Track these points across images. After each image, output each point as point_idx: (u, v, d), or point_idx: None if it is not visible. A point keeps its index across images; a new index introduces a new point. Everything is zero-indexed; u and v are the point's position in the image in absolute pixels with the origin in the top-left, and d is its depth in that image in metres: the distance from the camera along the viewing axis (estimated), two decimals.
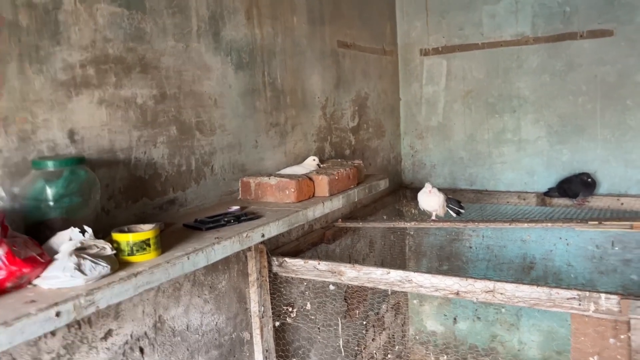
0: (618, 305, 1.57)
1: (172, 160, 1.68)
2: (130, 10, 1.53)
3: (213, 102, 1.85)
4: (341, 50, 2.71)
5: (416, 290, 1.87)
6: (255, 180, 1.92)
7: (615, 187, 2.89)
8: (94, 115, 1.42)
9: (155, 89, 1.61)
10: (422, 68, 3.36)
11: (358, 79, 2.90)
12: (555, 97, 2.99)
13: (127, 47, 1.52)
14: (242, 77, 2.00)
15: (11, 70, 1.22)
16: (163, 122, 1.64)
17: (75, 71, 1.37)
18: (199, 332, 1.78)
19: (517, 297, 1.72)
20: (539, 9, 2.97)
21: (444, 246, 3.44)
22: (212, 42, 1.84)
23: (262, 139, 2.12)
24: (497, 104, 3.16)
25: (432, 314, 3.54)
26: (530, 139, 3.09)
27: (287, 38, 2.27)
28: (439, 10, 3.26)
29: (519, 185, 3.15)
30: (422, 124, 3.42)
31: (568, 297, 1.64)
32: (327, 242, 2.49)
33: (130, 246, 1.21)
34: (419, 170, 3.48)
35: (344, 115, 2.76)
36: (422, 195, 2.40)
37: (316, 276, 2.01)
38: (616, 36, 2.79)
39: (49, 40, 1.31)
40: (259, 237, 1.54)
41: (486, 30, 3.12)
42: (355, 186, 2.13)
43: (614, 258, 2.95)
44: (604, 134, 2.89)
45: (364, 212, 2.88)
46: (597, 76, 2.86)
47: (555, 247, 3.09)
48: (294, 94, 2.32)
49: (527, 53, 3.03)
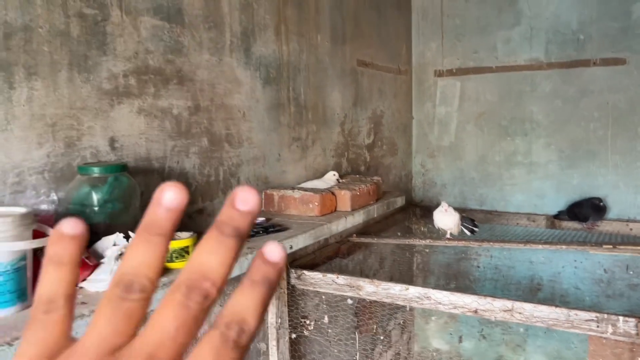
0: (635, 327, 1.60)
1: (202, 171, 1.71)
2: (170, 24, 1.58)
3: (242, 115, 1.89)
4: (360, 69, 2.77)
5: (434, 307, 1.89)
6: (279, 193, 1.96)
7: (625, 212, 2.93)
8: (133, 124, 1.46)
9: (190, 101, 1.65)
10: (435, 88, 3.42)
11: (374, 97, 2.96)
12: (567, 122, 3.04)
13: (166, 59, 1.56)
14: (269, 92, 2.04)
15: (61, 78, 1.26)
16: (196, 133, 1.68)
17: (119, 81, 1.41)
18: None
19: (536, 317, 1.75)
20: (553, 35, 3.04)
21: (452, 264, 3.47)
22: (243, 57, 1.89)
23: (285, 152, 2.16)
24: (509, 127, 3.21)
25: (437, 332, 3.55)
26: (541, 162, 3.14)
27: (311, 55, 2.32)
28: (454, 33, 3.32)
29: (529, 207, 3.19)
30: (433, 143, 3.47)
31: (586, 318, 1.67)
32: (342, 257, 2.51)
33: (170, 253, 1.25)
34: (429, 189, 3.52)
35: (361, 132, 2.81)
36: (437, 214, 2.44)
37: (334, 290, 2.03)
38: (629, 65, 2.85)
39: (96, 50, 1.35)
40: (287, 248, 1.57)
41: (500, 55, 3.19)
42: (374, 202, 2.17)
43: (621, 282, 2.98)
44: (614, 160, 2.94)
45: (376, 228, 2.91)
46: (609, 103, 2.92)
47: (564, 270, 3.12)
48: (315, 109, 2.37)
49: (541, 78, 3.09)
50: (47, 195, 1.18)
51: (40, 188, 1.19)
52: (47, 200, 1.18)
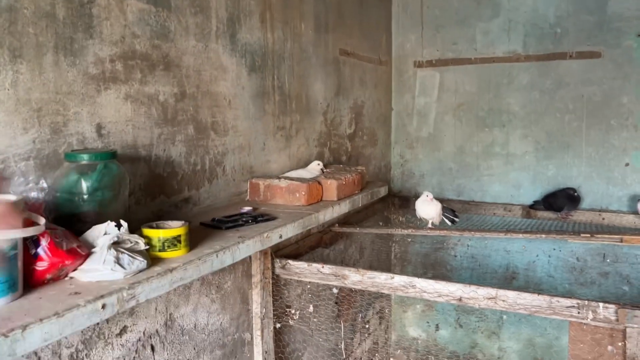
0: (615, 314, 1.65)
1: (188, 159, 1.68)
2: (157, 8, 1.54)
3: (227, 103, 1.86)
4: (342, 58, 2.76)
5: (419, 295, 1.91)
6: (265, 182, 1.94)
7: (597, 202, 3.01)
8: (120, 111, 1.42)
9: (176, 87, 1.62)
10: (415, 80, 3.44)
11: (356, 87, 2.95)
12: (543, 113, 3.10)
13: (152, 44, 1.52)
14: (255, 80, 2.02)
15: (47, 62, 1.22)
16: (182, 121, 1.65)
17: (105, 65, 1.37)
18: (205, 331, 1.79)
19: (519, 304, 1.78)
20: (530, 28, 3.09)
21: (430, 254, 3.51)
22: (229, 43, 1.86)
23: (270, 141, 2.14)
24: (487, 118, 3.26)
25: (414, 321, 3.59)
26: (517, 153, 3.20)
27: (295, 44, 2.30)
28: (434, 25, 3.34)
29: (506, 197, 3.25)
30: (412, 134, 3.50)
31: (567, 305, 1.71)
32: (324, 246, 2.51)
33: (162, 242, 1.22)
34: (407, 180, 3.54)
35: (343, 122, 2.81)
36: (421, 204, 2.45)
37: (320, 279, 2.03)
38: (604, 58, 2.92)
39: (82, 33, 1.30)
40: (277, 237, 1.56)
41: (479, 46, 3.22)
42: (359, 192, 2.17)
43: (593, 270, 3.07)
44: (588, 151, 3.01)
45: (357, 218, 2.92)
46: (584, 96, 2.99)
47: (538, 259, 3.19)
48: (299, 99, 2.35)
49: (518, 70, 3.14)
50: (36, 182, 1.14)
51: (29, 175, 1.15)
52: (37, 187, 1.14)
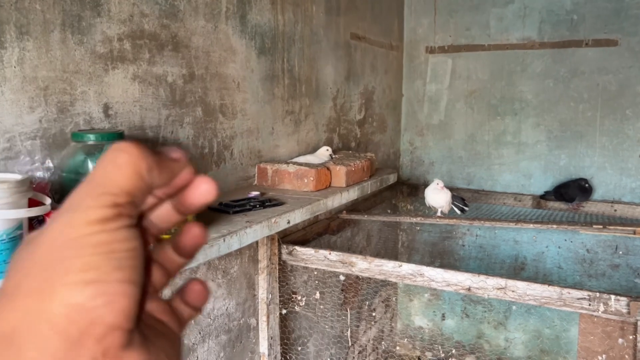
0: (627, 307, 1.62)
1: (196, 142, 1.66)
2: None
3: (236, 86, 1.83)
4: (353, 43, 2.71)
5: (427, 284, 1.89)
6: (273, 167, 1.92)
7: (610, 193, 2.96)
8: (128, 91, 1.40)
9: (184, 68, 1.59)
10: (426, 66, 3.39)
11: (367, 73, 2.91)
12: (557, 102, 3.05)
13: (161, 24, 1.49)
14: (264, 63, 1.98)
15: (54, 39, 1.19)
16: (190, 103, 1.62)
17: (113, 44, 1.34)
18: (211, 316, 1.78)
19: (529, 295, 1.76)
20: (546, 15, 3.02)
21: (437, 243, 3.49)
22: (238, 24, 1.82)
23: (278, 126, 2.11)
24: (499, 106, 3.21)
25: (420, 310, 3.58)
26: (529, 142, 3.15)
27: (306, 26, 2.26)
28: (447, 10, 3.28)
29: (516, 187, 3.21)
30: (423, 121, 3.45)
31: (578, 297, 1.68)
32: (332, 233, 2.49)
33: None
34: (417, 167, 3.51)
35: (352, 107, 2.77)
36: (430, 192, 2.42)
37: (327, 266, 2.02)
38: (620, 46, 2.85)
39: (90, 11, 1.28)
40: (285, 223, 1.54)
41: (493, 32, 3.16)
42: (368, 178, 2.14)
43: (603, 262, 3.03)
44: (602, 141, 2.96)
45: (365, 205, 2.89)
46: (599, 85, 2.93)
47: (547, 250, 3.16)
48: (308, 83, 2.32)
49: (532, 57, 3.08)
50: (42, 162, 1.12)
51: (35, 154, 1.13)
52: (43, 167, 1.12)
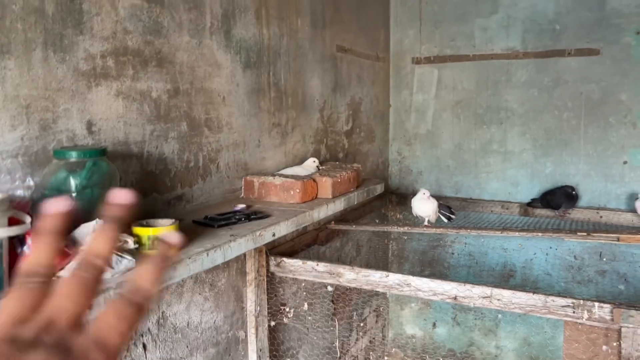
0: (611, 313, 1.64)
1: (181, 156, 1.67)
2: (149, 3, 1.52)
3: (222, 100, 1.85)
4: (339, 55, 2.74)
5: (414, 294, 1.90)
6: (259, 180, 1.93)
7: (595, 200, 3.00)
8: (111, 107, 1.41)
9: (169, 84, 1.60)
10: (413, 76, 3.42)
11: (353, 84, 2.94)
12: (541, 111, 3.09)
13: (145, 40, 1.51)
14: (249, 76, 2.00)
15: (36, 58, 1.20)
16: (175, 117, 1.63)
17: (96, 62, 1.36)
18: (199, 329, 1.78)
19: (514, 303, 1.77)
20: (529, 25, 3.07)
21: (427, 251, 3.50)
22: (223, 39, 1.84)
23: (265, 138, 2.13)
24: (485, 115, 3.24)
25: (411, 319, 3.59)
26: (515, 150, 3.18)
27: (292, 40, 2.28)
28: (432, 21, 3.32)
29: (503, 195, 3.23)
30: (410, 131, 3.48)
31: (562, 304, 1.70)
32: (320, 244, 2.50)
33: (152, 240, 1.21)
34: (405, 177, 3.53)
35: (340, 118, 2.79)
36: (417, 201, 2.44)
37: (314, 277, 2.02)
38: (602, 55, 2.90)
39: (72, 29, 1.29)
40: (270, 236, 1.55)
41: (478, 43, 3.20)
42: (355, 189, 2.16)
43: (590, 269, 3.06)
44: (586, 149, 3.00)
45: (354, 215, 2.91)
46: (583, 93, 2.97)
47: (535, 257, 3.18)
48: (295, 95, 2.34)
49: (517, 67, 3.12)
50: (23, 180, 1.13)
51: (15, 172, 1.13)
52: (23, 185, 1.12)
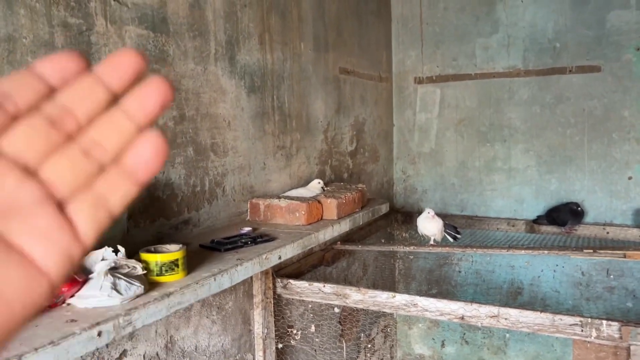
0: (619, 331, 1.63)
1: (188, 181, 1.69)
2: (155, 33, 1.56)
3: (227, 125, 1.88)
4: (342, 77, 2.78)
5: (421, 314, 1.90)
6: (265, 202, 1.95)
7: (601, 216, 2.99)
8: None
9: (175, 110, 1.63)
10: (415, 96, 3.45)
11: (357, 105, 2.97)
12: (544, 128, 3.10)
13: (151, 69, 1.54)
14: (254, 101, 2.03)
15: None
16: (181, 143, 1.66)
17: None
18: (207, 353, 1.78)
19: (521, 322, 1.77)
20: (530, 43, 3.10)
21: (434, 270, 3.50)
22: (227, 65, 1.88)
23: (270, 161, 2.15)
24: (488, 133, 3.26)
25: (420, 338, 3.57)
26: (520, 167, 3.19)
27: (295, 63, 2.32)
28: (433, 41, 3.36)
29: (509, 212, 3.24)
30: (414, 150, 3.50)
31: (571, 323, 1.70)
32: (327, 265, 2.51)
33: (160, 266, 1.22)
34: (410, 195, 3.54)
35: (344, 139, 2.82)
36: (422, 220, 2.45)
37: (321, 299, 2.03)
38: (603, 72, 2.92)
39: None
40: (276, 259, 1.56)
41: (479, 62, 3.24)
42: (360, 210, 2.17)
43: (599, 285, 3.04)
44: (590, 165, 3.00)
45: (360, 235, 2.91)
46: (585, 110, 2.99)
47: (543, 274, 3.17)
48: (299, 118, 2.37)
49: (519, 85, 3.14)
50: None
51: None
52: None
